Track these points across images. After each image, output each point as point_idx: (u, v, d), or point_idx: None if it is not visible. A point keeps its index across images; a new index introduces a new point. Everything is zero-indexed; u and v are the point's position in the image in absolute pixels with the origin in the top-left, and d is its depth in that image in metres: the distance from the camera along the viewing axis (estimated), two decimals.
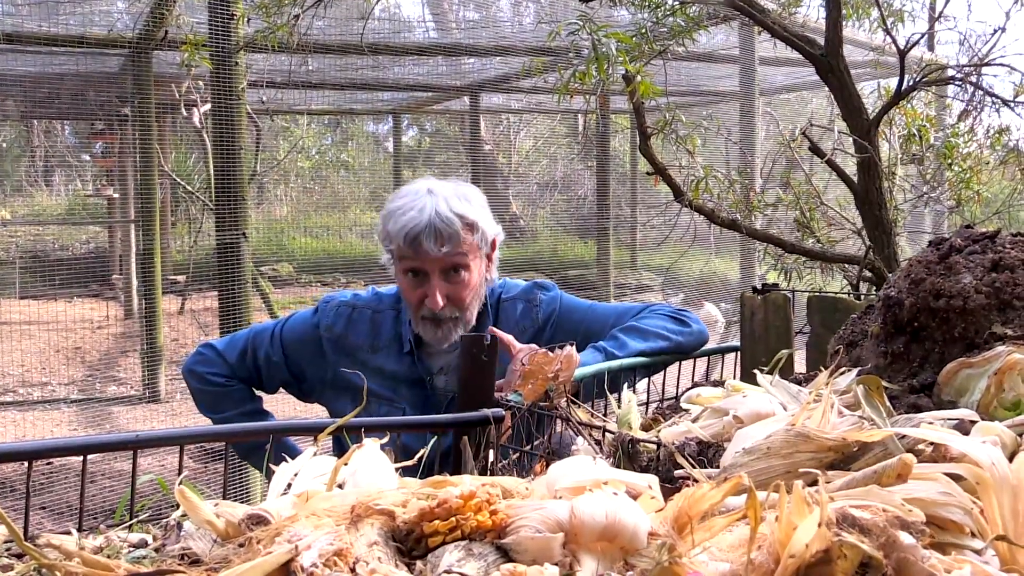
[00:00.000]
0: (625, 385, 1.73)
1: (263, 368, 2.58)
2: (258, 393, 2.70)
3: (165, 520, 1.08)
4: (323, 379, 2.56)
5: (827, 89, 2.87)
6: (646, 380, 2.30)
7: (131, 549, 1.04)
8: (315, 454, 1.17)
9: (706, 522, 0.92)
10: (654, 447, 1.32)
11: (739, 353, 2.13)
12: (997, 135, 3.95)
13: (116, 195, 12.36)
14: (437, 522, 0.92)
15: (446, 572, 0.87)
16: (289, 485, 1.11)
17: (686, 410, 1.51)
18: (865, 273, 2.74)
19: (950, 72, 3.60)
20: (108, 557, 0.96)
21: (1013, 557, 0.90)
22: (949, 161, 3.90)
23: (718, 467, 1.18)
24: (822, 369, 1.45)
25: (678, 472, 1.22)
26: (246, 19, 5.53)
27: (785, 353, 1.70)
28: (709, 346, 2.43)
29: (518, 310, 2.56)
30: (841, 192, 4.32)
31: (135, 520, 1.18)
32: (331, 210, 18.08)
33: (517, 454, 1.57)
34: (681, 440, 1.32)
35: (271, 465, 1.19)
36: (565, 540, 0.90)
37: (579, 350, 1.69)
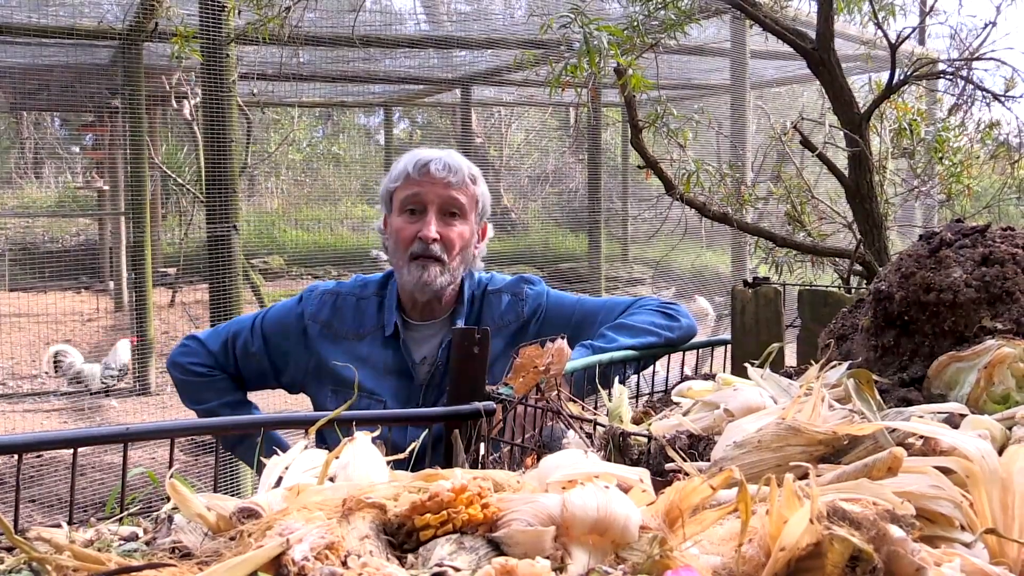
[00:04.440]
0: (616, 379, 1.73)
1: (241, 358, 2.58)
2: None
3: (156, 513, 1.08)
4: (305, 368, 2.56)
5: (818, 83, 2.86)
6: (636, 374, 2.31)
7: (122, 542, 1.03)
8: (305, 447, 1.17)
9: (697, 515, 0.92)
10: (645, 440, 1.33)
11: (729, 346, 2.13)
12: (987, 129, 3.95)
13: (106, 187, 12.33)
14: (428, 515, 0.92)
15: (438, 565, 0.87)
16: (280, 478, 1.10)
17: (677, 403, 1.51)
18: (856, 267, 2.75)
19: (941, 66, 3.61)
20: (99, 550, 0.96)
21: (1002, 550, 0.90)
22: (940, 155, 3.90)
23: (709, 460, 1.19)
24: (813, 362, 1.45)
25: (669, 465, 1.22)
26: (237, 11, 5.51)
27: (776, 346, 1.70)
28: (700, 339, 2.44)
29: (503, 303, 2.57)
30: (832, 186, 4.33)
31: (126, 513, 1.17)
32: (322, 203, 18.06)
33: (508, 447, 1.57)
34: (672, 433, 1.32)
35: (261, 458, 1.19)
36: (556, 533, 0.90)
37: (567, 344, 1.69)
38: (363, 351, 2.51)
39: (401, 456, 1.21)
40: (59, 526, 1.05)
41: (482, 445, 1.51)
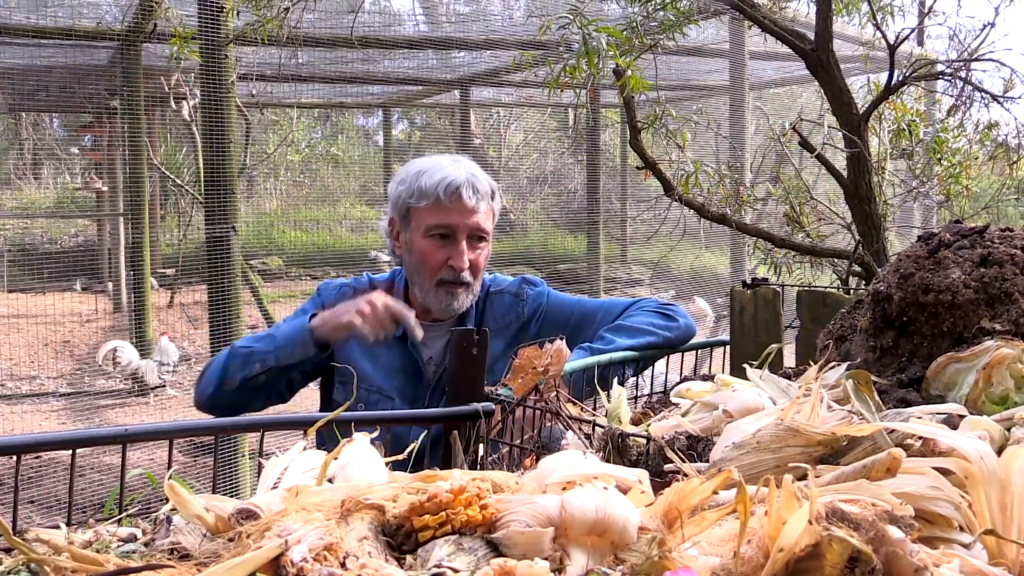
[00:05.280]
0: (615, 380, 1.73)
1: None
2: None
3: (155, 514, 1.08)
4: (327, 357, 2.55)
5: (817, 83, 2.87)
6: (636, 375, 2.31)
7: (120, 543, 1.03)
8: (304, 448, 1.17)
9: (696, 516, 0.92)
10: (644, 441, 1.33)
11: (728, 347, 2.13)
12: (986, 130, 3.96)
13: (105, 188, 12.33)
14: (427, 516, 0.92)
15: (436, 566, 0.87)
16: (279, 479, 1.10)
17: (676, 404, 1.51)
18: (854, 267, 2.75)
19: (940, 67, 3.61)
20: (97, 551, 0.96)
21: (1001, 551, 0.90)
22: (938, 156, 3.91)
23: (708, 461, 1.19)
24: (811, 363, 1.45)
25: (668, 466, 1.22)
26: (235, 12, 5.52)
27: (774, 347, 1.70)
28: (698, 340, 2.44)
29: (505, 304, 2.58)
30: (831, 187, 4.33)
31: (124, 514, 1.17)
32: (321, 204, 18.08)
33: (507, 448, 1.57)
34: (671, 434, 1.32)
35: (260, 460, 1.19)
36: (555, 534, 0.90)
37: (566, 345, 1.69)
38: (375, 348, 2.51)
39: (400, 457, 1.21)
40: (58, 527, 1.05)
41: (481, 446, 1.51)
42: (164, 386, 9.03)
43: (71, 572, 0.89)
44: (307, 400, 2.73)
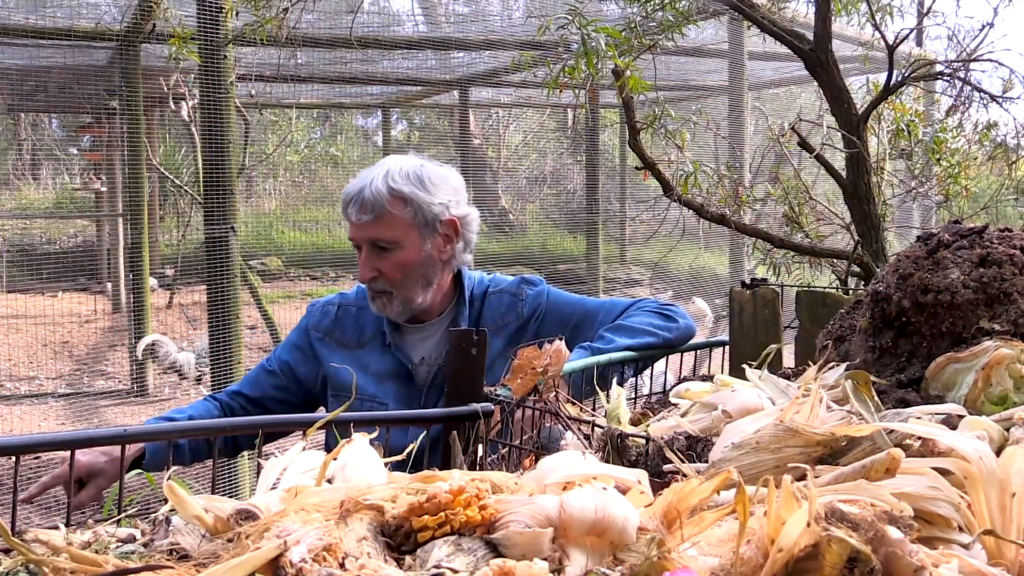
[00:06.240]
0: (614, 380, 1.73)
1: (262, 378, 2.61)
2: None
3: (153, 515, 1.08)
4: (315, 380, 2.58)
5: (816, 84, 2.87)
6: (635, 376, 2.31)
7: (119, 544, 1.03)
8: (303, 449, 1.17)
9: (695, 517, 0.92)
10: (643, 442, 1.33)
11: (728, 348, 2.13)
12: (985, 130, 3.96)
13: (104, 189, 12.32)
14: (426, 517, 0.92)
15: (435, 567, 0.87)
16: (278, 480, 1.10)
17: (675, 405, 1.51)
18: (853, 268, 2.75)
19: (939, 67, 3.61)
20: (96, 552, 0.96)
21: (1000, 551, 0.90)
22: (937, 156, 3.91)
23: (707, 462, 1.19)
24: (810, 364, 1.45)
25: (667, 467, 1.22)
26: (234, 12, 5.51)
27: (774, 348, 1.70)
28: (698, 340, 2.44)
29: (504, 304, 2.57)
30: (830, 187, 4.34)
31: (123, 515, 1.17)
32: (320, 204, 18.06)
33: (506, 448, 1.57)
34: (670, 435, 1.32)
35: (259, 460, 1.19)
36: (554, 535, 0.90)
37: (567, 344, 1.69)
38: (364, 358, 2.53)
39: (399, 458, 1.21)
40: (56, 528, 1.05)
41: (480, 446, 1.51)
42: (201, 379, 9.08)
43: (70, 573, 0.89)
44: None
